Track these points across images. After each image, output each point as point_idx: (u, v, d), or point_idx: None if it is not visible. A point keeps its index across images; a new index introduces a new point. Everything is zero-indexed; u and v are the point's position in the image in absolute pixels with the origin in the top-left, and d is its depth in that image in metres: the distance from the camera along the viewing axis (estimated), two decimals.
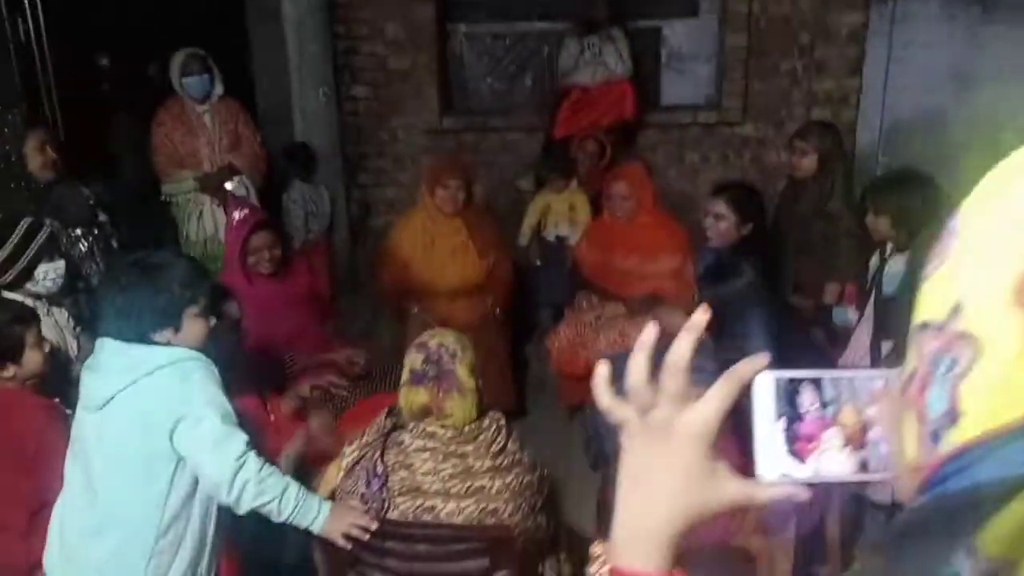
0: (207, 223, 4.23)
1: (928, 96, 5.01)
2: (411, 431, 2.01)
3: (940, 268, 0.54)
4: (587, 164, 4.65)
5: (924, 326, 0.55)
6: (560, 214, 4.58)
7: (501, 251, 4.00)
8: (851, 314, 3.02)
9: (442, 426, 1.99)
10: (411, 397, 2.01)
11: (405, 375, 2.04)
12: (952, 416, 0.52)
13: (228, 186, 4.23)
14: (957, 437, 0.52)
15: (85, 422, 2.00)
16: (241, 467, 1.95)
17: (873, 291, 2.88)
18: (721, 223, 3.11)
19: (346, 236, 5.50)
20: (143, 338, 1.97)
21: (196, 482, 2.01)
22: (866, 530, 3.00)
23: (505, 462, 2.01)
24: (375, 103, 5.30)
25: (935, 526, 0.51)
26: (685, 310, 3.46)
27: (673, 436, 0.67)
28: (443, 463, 1.98)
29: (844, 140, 3.81)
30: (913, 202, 2.78)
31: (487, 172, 5.11)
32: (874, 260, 2.96)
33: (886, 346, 2.79)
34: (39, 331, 2.32)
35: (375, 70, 5.23)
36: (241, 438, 1.98)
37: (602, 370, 0.71)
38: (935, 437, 0.53)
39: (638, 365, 0.68)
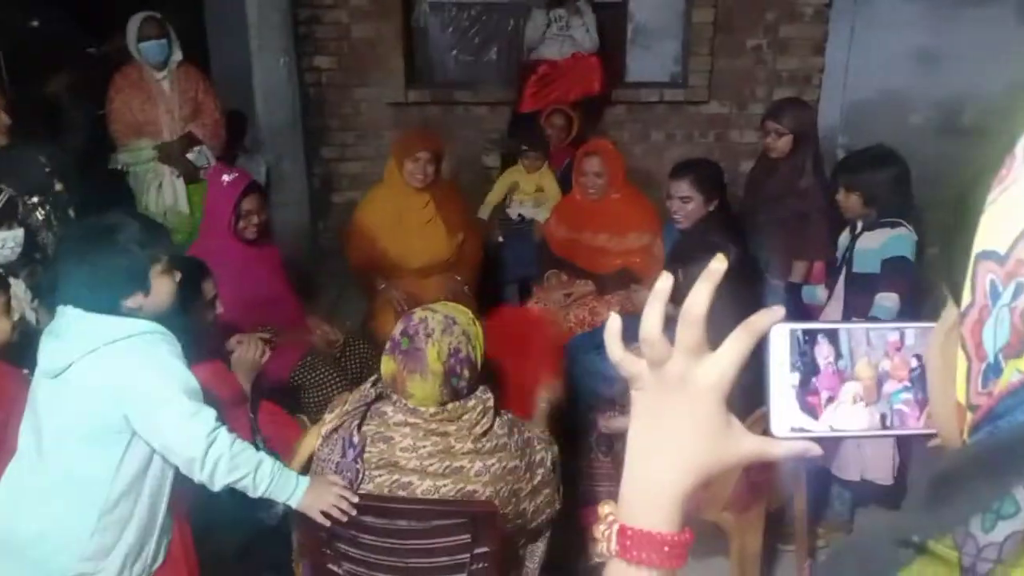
0: (166, 194, 4.11)
1: (889, 77, 5.08)
2: (394, 403, 1.98)
3: (1003, 195, 0.52)
4: (554, 139, 4.61)
5: (985, 255, 0.52)
6: (527, 193, 4.54)
7: (471, 227, 3.95)
8: (820, 292, 3.05)
9: (415, 402, 1.96)
10: (385, 364, 1.98)
11: (388, 342, 2.00)
12: (1014, 348, 0.50)
13: (189, 156, 4.11)
14: (1018, 369, 0.50)
15: (40, 387, 1.95)
16: (212, 443, 1.91)
17: (843, 269, 2.91)
18: (688, 204, 3.11)
19: (307, 212, 5.40)
20: (112, 307, 1.91)
21: (148, 460, 1.96)
22: (832, 507, 3.05)
23: (488, 445, 1.97)
24: (339, 74, 5.19)
25: (991, 464, 0.49)
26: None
27: (688, 389, 0.66)
28: (423, 440, 1.94)
29: None
30: (884, 179, 2.81)
31: (452, 147, 5.03)
32: (843, 238, 2.99)
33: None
34: (7, 298, 2.22)
35: (338, 39, 5.12)
36: (210, 414, 1.94)
37: (614, 323, 0.69)
38: (994, 371, 0.52)
39: (654, 316, 0.66)
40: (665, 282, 0.67)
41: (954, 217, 0.57)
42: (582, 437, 2.87)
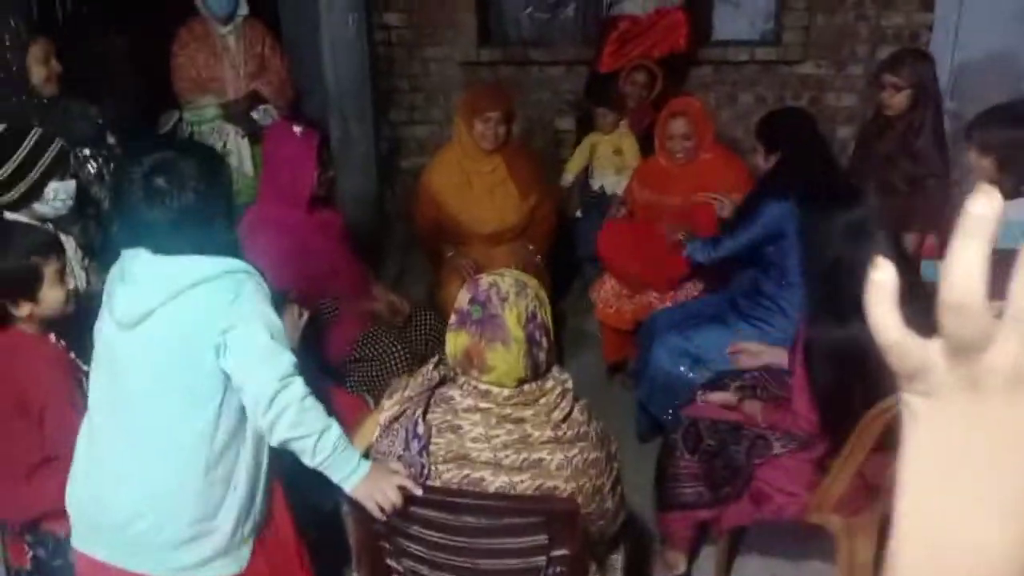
0: (231, 154, 3.95)
1: (1001, 38, 4.62)
2: (461, 387, 1.74)
3: None
4: (636, 98, 4.30)
5: None
6: (606, 158, 4.26)
7: (544, 193, 3.70)
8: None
9: (497, 383, 1.72)
10: (454, 341, 1.74)
11: (452, 317, 1.77)
12: None
13: (254, 115, 3.95)
14: None
15: (116, 341, 1.79)
16: (284, 387, 1.75)
17: None
18: (757, 157, 2.85)
19: (374, 177, 5.21)
20: (200, 246, 1.77)
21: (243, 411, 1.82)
22: None
23: (569, 433, 1.73)
24: (408, 32, 4.95)
25: None
26: None
27: None
28: (496, 428, 1.71)
29: None
30: (1022, 139, 2.45)
31: (525, 110, 4.78)
32: None
33: (995, 309, 2.49)
34: (62, 263, 2.04)
35: None
36: (290, 358, 1.79)
37: (885, 276, 0.44)
38: None
39: (971, 262, 0.41)
40: (987, 204, 0.42)
41: None
42: (665, 433, 2.61)
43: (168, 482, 1.77)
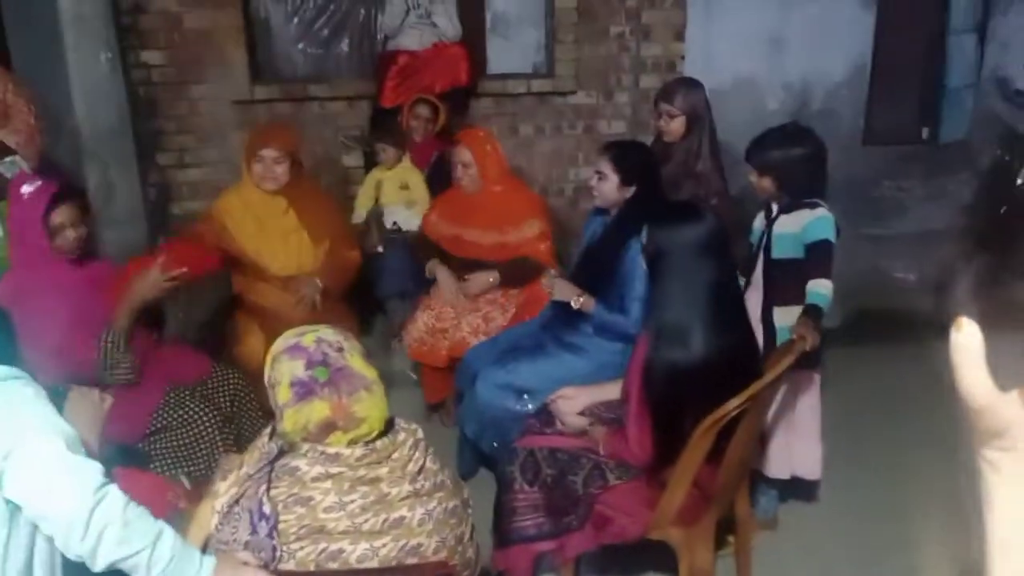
0: None
1: (743, 63, 5.10)
2: (306, 455, 1.60)
3: None
4: (420, 132, 4.29)
5: None
6: (393, 193, 4.20)
7: (340, 236, 3.54)
8: None
9: (350, 442, 1.60)
10: (304, 417, 1.60)
11: (283, 394, 1.62)
12: None
13: None
14: None
15: None
16: (99, 501, 1.48)
17: (760, 255, 2.77)
18: (604, 183, 2.90)
19: (144, 227, 4.79)
20: None
21: (33, 539, 1.52)
22: (759, 505, 2.93)
23: (427, 485, 1.65)
24: (171, 70, 4.62)
25: None
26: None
27: None
28: (350, 493, 1.59)
29: None
30: (798, 159, 2.69)
31: (307, 147, 4.59)
32: (758, 223, 2.86)
33: (779, 313, 2.70)
34: None
35: (168, 30, 4.55)
36: (94, 467, 1.52)
37: (971, 336, 0.44)
38: None
39: (976, 381, 0.43)
40: (969, 334, 0.45)
41: None
42: (498, 467, 2.58)
43: None
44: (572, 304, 2.88)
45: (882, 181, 5.36)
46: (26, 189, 2.53)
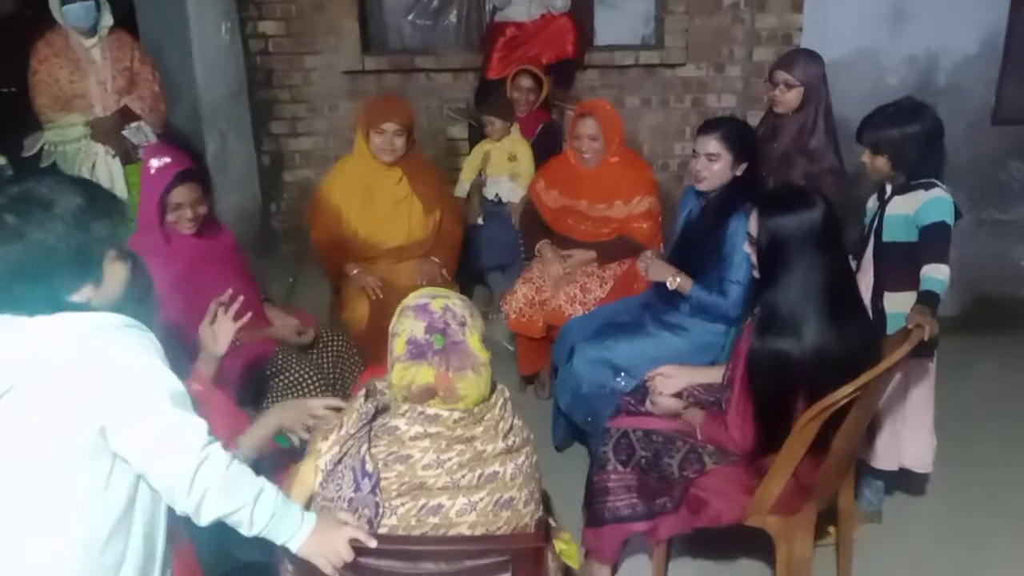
0: (101, 175, 3.66)
1: (865, 35, 4.87)
2: (405, 415, 1.65)
3: None
4: (524, 103, 4.28)
5: None
6: (500, 164, 4.21)
7: (448, 206, 3.61)
8: None
9: (450, 408, 1.63)
10: (410, 376, 1.64)
11: (399, 347, 1.66)
12: None
13: (125, 133, 3.67)
14: None
15: None
16: (203, 462, 1.51)
17: (871, 238, 2.66)
18: (715, 163, 2.81)
19: (257, 193, 4.97)
20: (55, 304, 1.50)
21: (136, 484, 1.57)
22: (864, 498, 2.83)
23: (516, 441, 1.70)
24: (286, 40, 4.74)
25: None
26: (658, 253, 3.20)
27: None
28: (447, 451, 1.63)
29: None
30: (914, 137, 2.55)
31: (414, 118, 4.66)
32: (871, 204, 2.74)
33: (890, 299, 2.58)
34: None
35: (285, 2, 4.66)
36: (200, 425, 1.55)
37: None
38: None
39: None
40: None
41: None
42: (591, 446, 2.57)
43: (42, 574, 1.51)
44: (668, 285, 2.83)
45: (1009, 163, 5.03)
46: (153, 163, 2.60)
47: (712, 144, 2.80)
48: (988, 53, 4.87)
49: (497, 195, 4.20)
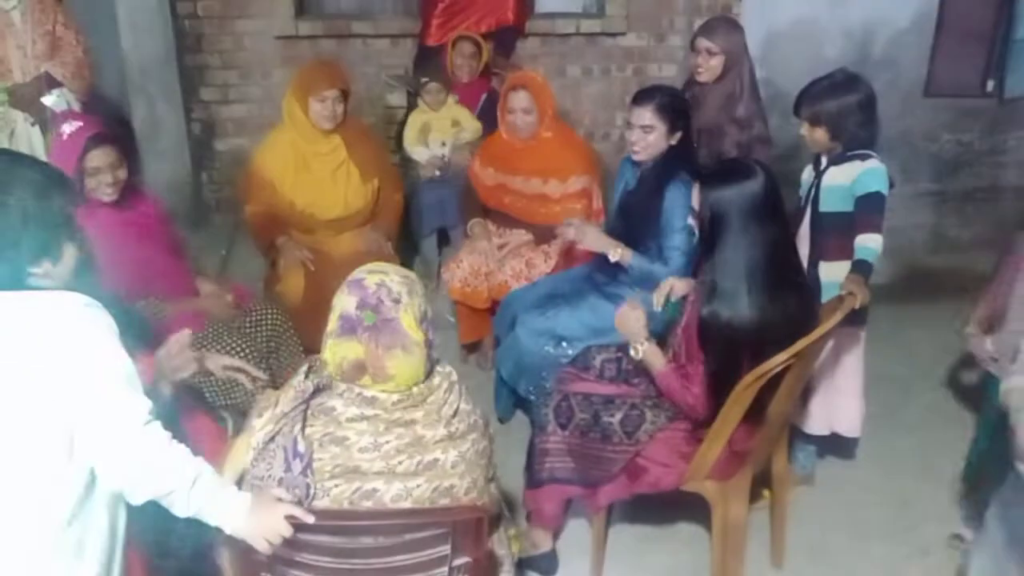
0: (20, 144, 3.50)
1: (803, 7, 4.91)
2: (342, 395, 1.61)
3: None
4: (465, 70, 4.21)
5: None
6: (445, 132, 4.14)
7: (388, 174, 3.54)
8: None
9: (383, 389, 1.60)
10: (341, 351, 1.60)
11: (332, 323, 1.62)
12: None
13: (46, 101, 3.51)
14: None
15: None
16: (143, 438, 1.50)
17: (808, 208, 2.69)
18: (650, 135, 2.79)
19: (188, 162, 4.81)
20: (17, 280, 1.49)
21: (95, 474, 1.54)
22: (796, 461, 2.90)
23: (460, 428, 1.65)
24: (216, 4, 4.58)
25: None
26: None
27: None
28: (385, 434, 1.59)
29: None
30: (851, 108, 2.57)
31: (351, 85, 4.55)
32: (806, 175, 2.76)
33: (825, 268, 2.62)
34: None
35: None
36: (144, 403, 1.54)
37: None
38: None
39: None
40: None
41: None
42: (533, 410, 2.56)
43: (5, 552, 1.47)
44: (610, 257, 2.83)
45: (942, 135, 5.16)
46: (66, 129, 2.51)
47: (647, 116, 2.78)
48: (921, 27, 4.96)
49: (444, 155, 4.11)
